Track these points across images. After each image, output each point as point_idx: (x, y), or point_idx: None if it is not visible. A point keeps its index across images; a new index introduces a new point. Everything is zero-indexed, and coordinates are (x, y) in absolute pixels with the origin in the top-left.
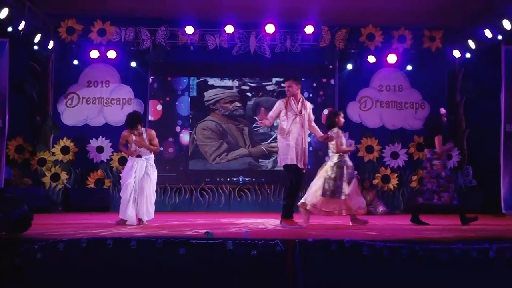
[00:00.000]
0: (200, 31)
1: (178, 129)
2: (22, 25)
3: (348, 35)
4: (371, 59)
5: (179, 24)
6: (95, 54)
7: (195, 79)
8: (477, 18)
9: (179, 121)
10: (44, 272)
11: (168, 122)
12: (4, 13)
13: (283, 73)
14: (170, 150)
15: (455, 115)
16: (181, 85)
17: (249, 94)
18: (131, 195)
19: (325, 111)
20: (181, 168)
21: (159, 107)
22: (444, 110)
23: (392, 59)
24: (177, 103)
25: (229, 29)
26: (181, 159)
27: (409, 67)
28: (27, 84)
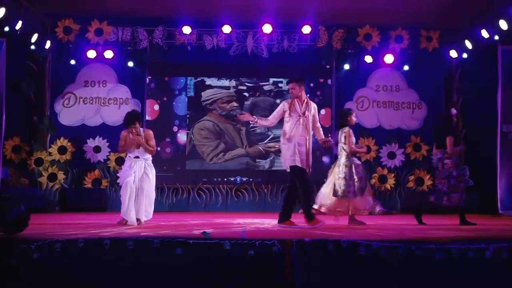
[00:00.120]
0: (197, 31)
1: (175, 129)
2: (19, 24)
3: (345, 35)
4: (368, 59)
5: (176, 24)
6: (92, 54)
7: (193, 79)
8: (474, 18)
9: (177, 121)
10: (41, 272)
11: (165, 122)
12: (1, 12)
13: (280, 73)
14: (167, 150)
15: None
16: (178, 85)
17: (246, 94)
18: (131, 195)
19: (323, 111)
20: (178, 168)
21: (156, 107)
22: (455, 110)
23: (389, 59)
24: (174, 103)
25: (226, 29)
26: (178, 159)
27: (406, 67)
28: (24, 84)
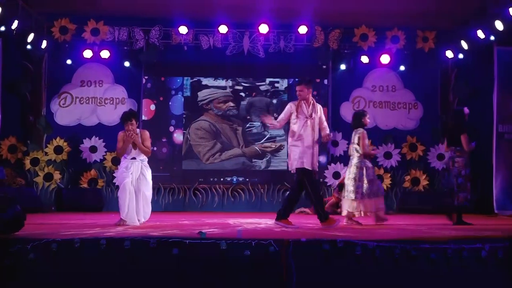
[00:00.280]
0: (193, 31)
1: (171, 129)
2: (15, 24)
3: (341, 35)
4: (364, 59)
5: (173, 24)
6: (88, 53)
7: (189, 79)
8: (469, 19)
9: (173, 121)
10: (37, 272)
11: (161, 122)
12: None
13: (276, 73)
14: (163, 150)
15: (447, 115)
16: (174, 85)
17: (242, 94)
18: (130, 196)
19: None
20: (174, 168)
21: (152, 107)
22: (467, 109)
23: (385, 59)
24: (171, 103)
25: (223, 29)
26: (174, 159)
27: (402, 68)
28: (20, 83)
